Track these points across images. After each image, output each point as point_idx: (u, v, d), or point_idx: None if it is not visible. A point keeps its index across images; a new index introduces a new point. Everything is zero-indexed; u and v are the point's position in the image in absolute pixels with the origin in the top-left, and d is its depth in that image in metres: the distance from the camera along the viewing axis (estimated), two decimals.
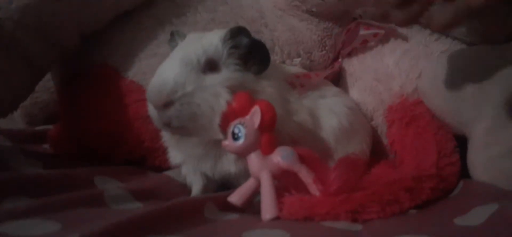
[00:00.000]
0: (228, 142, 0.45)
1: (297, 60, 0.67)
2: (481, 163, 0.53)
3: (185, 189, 0.56)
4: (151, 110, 0.48)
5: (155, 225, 0.36)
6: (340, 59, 0.69)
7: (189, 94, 0.46)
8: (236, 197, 0.46)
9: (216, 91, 0.47)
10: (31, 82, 0.61)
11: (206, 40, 0.50)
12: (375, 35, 0.66)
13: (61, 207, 0.38)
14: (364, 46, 0.67)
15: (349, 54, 0.69)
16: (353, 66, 0.68)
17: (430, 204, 0.49)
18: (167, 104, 0.45)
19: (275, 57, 0.67)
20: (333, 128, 0.56)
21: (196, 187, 0.55)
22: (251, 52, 0.50)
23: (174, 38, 0.54)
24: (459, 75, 0.54)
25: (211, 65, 0.48)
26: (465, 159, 0.55)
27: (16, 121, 0.91)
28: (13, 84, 0.55)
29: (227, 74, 0.49)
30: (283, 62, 0.68)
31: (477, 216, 0.42)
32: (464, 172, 0.55)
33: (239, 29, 0.50)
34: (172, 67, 0.47)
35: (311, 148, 0.52)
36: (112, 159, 0.64)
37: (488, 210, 0.42)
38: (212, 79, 0.48)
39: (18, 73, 0.56)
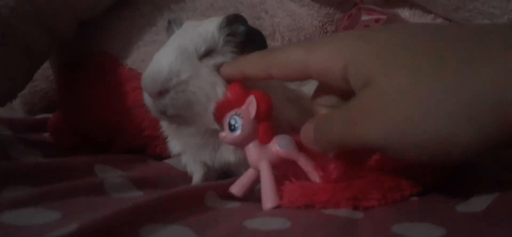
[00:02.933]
0: (225, 134, 0.45)
1: None
2: None
3: (186, 177, 0.56)
4: (147, 99, 0.48)
5: (155, 214, 0.36)
6: None
7: (184, 82, 0.45)
8: (236, 188, 0.46)
9: (212, 80, 0.46)
10: (29, 70, 0.60)
11: (203, 28, 0.49)
12: (377, 20, 0.65)
13: (61, 196, 0.38)
14: None
15: None
16: None
17: (431, 191, 0.48)
18: (161, 93, 0.45)
19: (275, 44, 0.66)
20: None
21: (197, 176, 0.54)
22: (248, 40, 0.49)
23: (171, 26, 0.53)
24: None
25: (207, 54, 0.48)
26: None
27: (15, 109, 0.91)
28: (10, 72, 0.55)
29: (223, 60, 0.48)
30: None
31: (478, 202, 0.42)
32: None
33: (236, 17, 0.49)
34: (167, 55, 0.47)
35: None
36: (113, 148, 0.64)
37: (490, 196, 0.42)
38: (207, 67, 0.47)
39: (16, 62, 0.55)
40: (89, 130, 0.63)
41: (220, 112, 0.45)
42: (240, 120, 0.44)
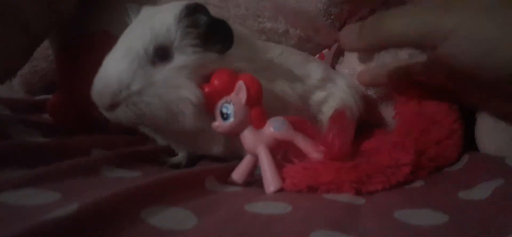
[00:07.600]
0: (218, 123, 0.44)
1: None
2: (492, 132, 0.52)
3: None
4: (102, 109, 0.44)
5: (156, 196, 0.35)
6: None
7: (136, 94, 0.41)
8: (236, 175, 0.46)
9: (175, 83, 0.42)
10: (28, 49, 0.59)
11: (158, 19, 0.44)
12: (383, 3, 0.64)
13: (61, 176, 0.38)
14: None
15: None
16: None
17: (434, 178, 0.48)
18: (112, 106, 0.42)
19: (278, 26, 0.65)
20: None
21: (182, 154, 0.54)
22: (210, 32, 0.44)
23: (129, 15, 0.48)
24: None
25: (162, 52, 0.43)
26: (467, 133, 0.55)
27: (15, 90, 0.90)
28: (9, 50, 0.54)
29: (183, 59, 0.43)
30: (287, 31, 0.66)
31: (482, 190, 0.42)
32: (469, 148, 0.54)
33: (197, 6, 0.44)
34: (116, 63, 0.42)
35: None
36: (112, 128, 0.64)
37: (493, 184, 0.42)
38: (163, 71, 0.42)
39: (15, 40, 0.54)
40: (89, 111, 0.63)
41: (210, 102, 0.44)
42: (231, 106, 0.43)
